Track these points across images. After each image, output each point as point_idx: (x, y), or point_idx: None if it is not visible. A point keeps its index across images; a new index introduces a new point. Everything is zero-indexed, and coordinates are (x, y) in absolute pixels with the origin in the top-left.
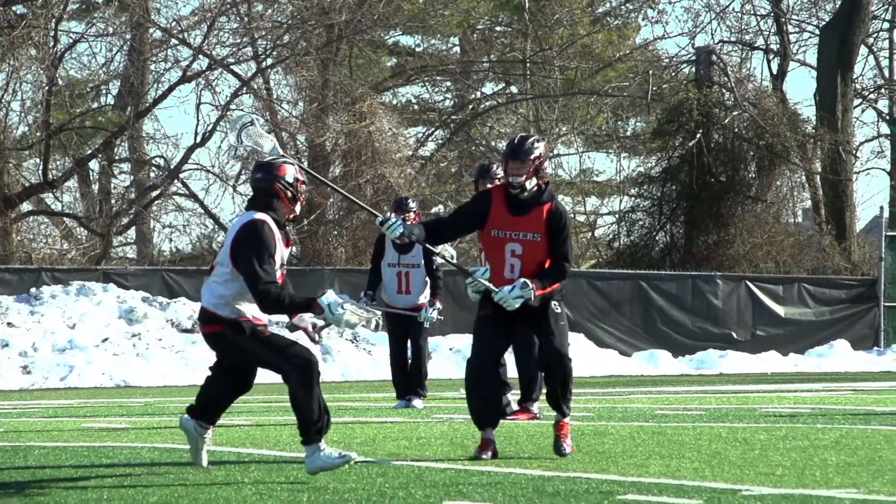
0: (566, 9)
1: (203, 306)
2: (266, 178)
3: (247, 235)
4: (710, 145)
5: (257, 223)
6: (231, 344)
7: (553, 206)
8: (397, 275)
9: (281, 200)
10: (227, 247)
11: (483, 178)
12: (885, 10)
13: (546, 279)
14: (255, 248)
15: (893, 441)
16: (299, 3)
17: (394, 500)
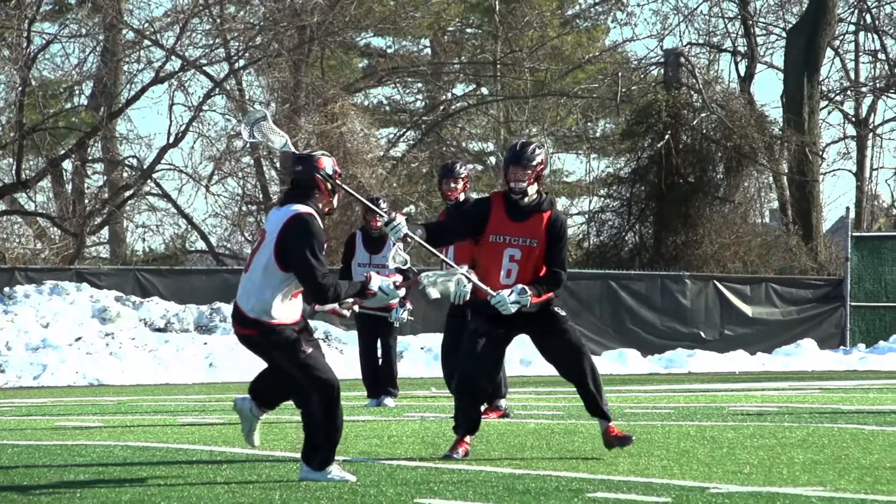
0: (536, 11)
1: (240, 307)
2: (307, 170)
3: (296, 230)
4: (679, 146)
5: (305, 217)
6: (262, 350)
7: (553, 215)
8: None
9: (321, 193)
10: (272, 243)
11: (447, 177)
12: (850, 13)
13: (541, 287)
14: (307, 241)
15: (859, 439)
16: (271, 4)
17: (365, 498)
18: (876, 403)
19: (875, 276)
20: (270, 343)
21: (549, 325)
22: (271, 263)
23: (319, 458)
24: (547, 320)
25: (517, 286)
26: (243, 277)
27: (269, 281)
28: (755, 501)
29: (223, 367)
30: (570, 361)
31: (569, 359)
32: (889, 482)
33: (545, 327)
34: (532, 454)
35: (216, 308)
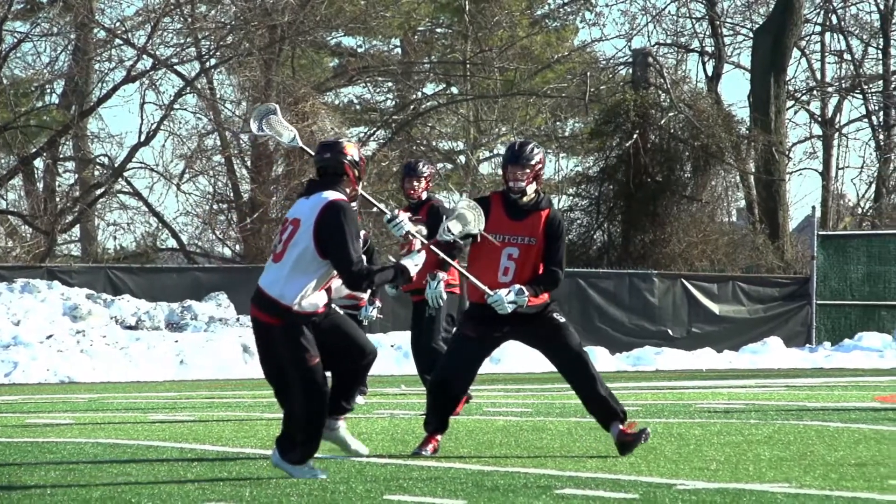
0: (505, 11)
1: (267, 293)
2: (335, 156)
3: (333, 218)
4: (647, 146)
5: (342, 204)
6: (273, 341)
7: (551, 213)
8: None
9: (349, 179)
10: (309, 230)
11: (409, 175)
12: (816, 14)
13: (539, 286)
14: (346, 228)
15: (825, 436)
16: (242, 4)
17: (335, 495)
18: (841, 401)
19: (841, 274)
20: (287, 338)
21: (548, 332)
22: (310, 251)
23: (298, 454)
24: (546, 328)
25: (515, 286)
26: (273, 266)
27: (306, 268)
28: (722, 498)
29: (194, 364)
30: (573, 367)
31: (571, 364)
32: (853, 479)
33: (545, 335)
34: (501, 451)
35: (187, 306)
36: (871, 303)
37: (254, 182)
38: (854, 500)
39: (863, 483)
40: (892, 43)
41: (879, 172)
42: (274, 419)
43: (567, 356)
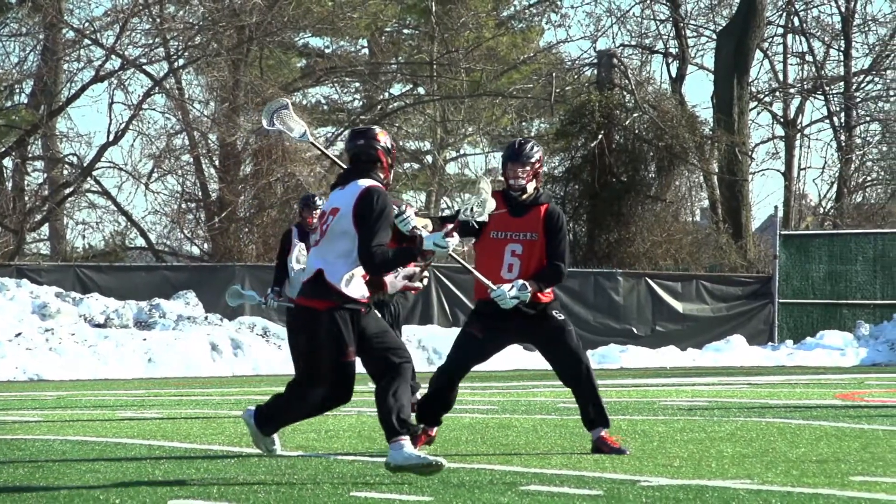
0: (472, 12)
1: (325, 277)
2: (368, 143)
3: (370, 202)
4: (612, 146)
5: (378, 190)
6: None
7: (550, 207)
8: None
9: (382, 166)
10: (349, 215)
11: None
12: (779, 16)
13: (542, 281)
14: (379, 214)
15: (786, 433)
16: (210, 4)
17: (302, 492)
18: (803, 398)
19: (802, 273)
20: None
21: (548, 334)
22: (350, 236)
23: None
24: (546, 329)
25: (517, 281)
26: (315, 253)
27: (348, 254)
28: (685, 494)
29: (162, 362)
30: (571, 368)
31: (567, 365)
32: (815, 475)
33: (545, 338)
34: (467, 448)
35: (155, 304)
36: (832, 301)
37: (222, 181)
38: (815, 497)
39: (824, 479)
40: (853, 45)
41: (841, 173)
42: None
43: (566, 360)
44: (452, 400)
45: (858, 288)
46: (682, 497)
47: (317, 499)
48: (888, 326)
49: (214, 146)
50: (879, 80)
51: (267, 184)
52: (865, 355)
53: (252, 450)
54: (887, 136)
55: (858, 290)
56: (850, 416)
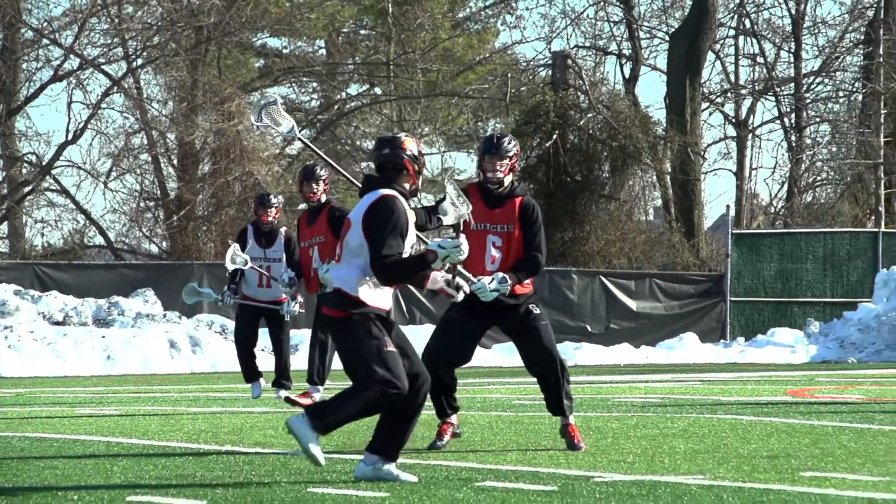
0: (428, 13)
1: (338, 287)
2: (393, 152)
3: (378, 211)
4: (566, 146)
5: (389, 198)
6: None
7: (525, 200)
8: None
9: (408, 174)
10: (359, 226)
11: (308, 178)
12: (730, 18)
13: (521, 272)
14: (386, 222)
15: (738, 429)
16: (169, 5)
17: (259, 488)
18: (754, 395)
19: (754, 271)
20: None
21: (524, 323)
22: (358, 244)
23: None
24: (523, 318)
25: (497, 274)
26: (334, 266)
27: (360, 261)
28: (638, 490)
29: (121, 359)
30: (539, 362)
31: (538, 359)
32: (765, 471)
33: (520, 325)
34: (423, 445)
35: (114, 302)
36: (783, 299)
37: (180, 180)
38: (766, 492)
39: (774, 475)
40: (803, 46)
41: (791, 173)
42: (199, 413)
43: (538, 354)
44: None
45: (809, 286)
46: (635, 493)
47: (274, 495)
48: (838, 324)
49: (173, 145)
50: (829, 82)
51: (225, 183)
52: (815, 352)
53: (210, 446)
54: (837, 136)
55: (809, 289)
56: (800, 412)
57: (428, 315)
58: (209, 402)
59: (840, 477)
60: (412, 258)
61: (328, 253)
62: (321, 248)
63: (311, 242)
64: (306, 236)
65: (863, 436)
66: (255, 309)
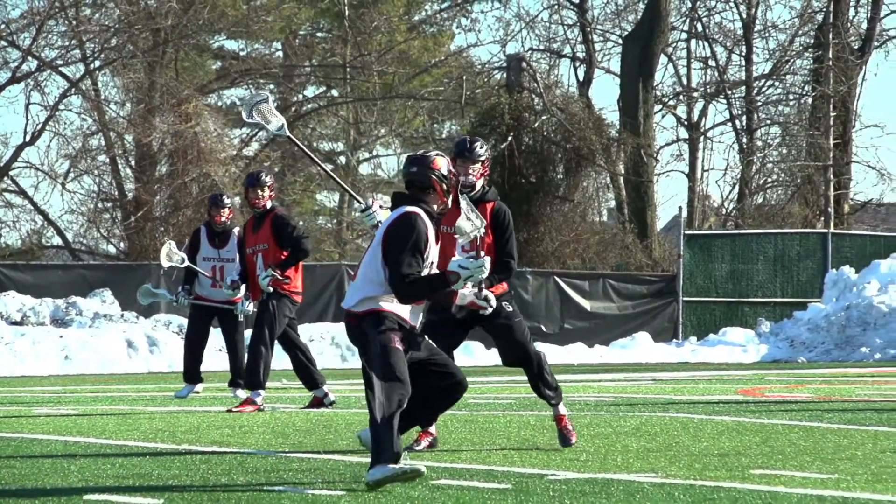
0: (384, 16)
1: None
2: (422, 170)
3: (399, 228)
4: (521, 148)
5: (411, 216)
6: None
7: (497, 205)
8: (212, 269)
9: (436, 193)
10: (379, 242)
11: (253, 185)
12: (682, 22)
13: (493, 276)
14: (406, 240)
15: (689, 428)
16: (126, 7)
17: (216, 487)
18: (705, 394)
19: (706, 272)
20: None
21: (498, 319)
22: (377, 260)
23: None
24: (495, 317)
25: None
26: (351, 285)
27: (378, 277)
28: (591, 487)
29: (78, 359)
30: (514, 356)
31: (513, 353)
32: (716, 468)
33: (495, 321)
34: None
35: (72, 302)
36: (734, 299)
37: (138, 181)
38: (717, 490)
39: (725, 472)
40: (754, 50)
41: (742, 174)
42: (156, 412)
43: (514, 349)
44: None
45: (759, 286)
46: (588, 490)
47: (230, 493)
48: (788, 324)
49: (130, 147)
50: (779, 85)
51: (182, 184)
52: (766, 352)
53: (167, 445)
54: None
55: (759, 289)
56: (751, 410)
57: None
58: (166, 401)
59: (789, 475)
60: (432, 278)
61: (271, 260)
62: (265, 254)
63: (256, 249)
64: (251, 242)
65: (812, 434)
66: (209, 309)
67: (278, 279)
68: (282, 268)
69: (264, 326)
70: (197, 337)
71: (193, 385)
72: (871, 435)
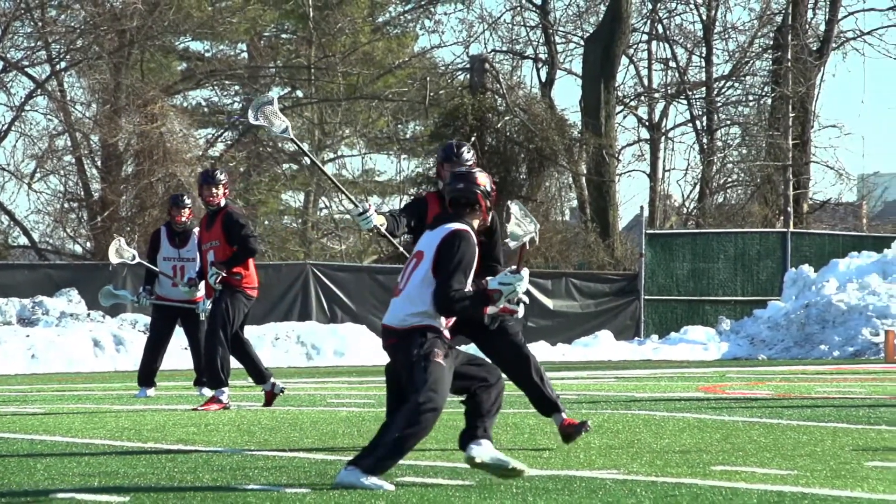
0: (348, 18)
1: (393, 326)
2: (468, 187)
3: (452, 245)
4: (484, 148)
5: (464, 234)
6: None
7: None
8: (172, 269)
9: (480, 210)
10: (430, 259)
11: (207, 182)
12: (643, 24)
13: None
14: (459, 258)
15: (651, 425)
16: (92, 9)
17: (182, 484)
18: (667, 391)
19: (667, 271)
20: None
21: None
22: (428, 277)
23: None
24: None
25: None
26: (396, 300)
27: (426, 294)
28: (554, 484)
29: (45, 359)
30: (512, 361)
31: (510, 358)
32: (678, 465)
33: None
34: (344, 441)
35: (38, 301)
36: (695, 298)
37: (104, 181)
38: (678, 486)
39: (686, 469)
40: (714, 51)
41: (703, 174)
42: (122, 411)
43: (507, 352)
44: None
45: (720, 285)
46: (551, 487)
47: (196, 490)
48: (748, 322)
49: (96, 147)
50: (739, 86)
51: (148, 184)
52: (727, 350)
53: (133, 443)
54: (747, 139)
55: (720, 287)
56: (712, 407)
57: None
58: (132, 400)
59: (750, 471)
60: (475, 296)
61: (221, 257)
62: (216, 251)
63: (209, 246)
64: (205, 240)
65: (772, 431)
66: (171, 309)
67: (226, 276)
68: (227, 265)
69: (217, 324)
70: (158, 340)
71: (147, 389)
72: (831, 431)
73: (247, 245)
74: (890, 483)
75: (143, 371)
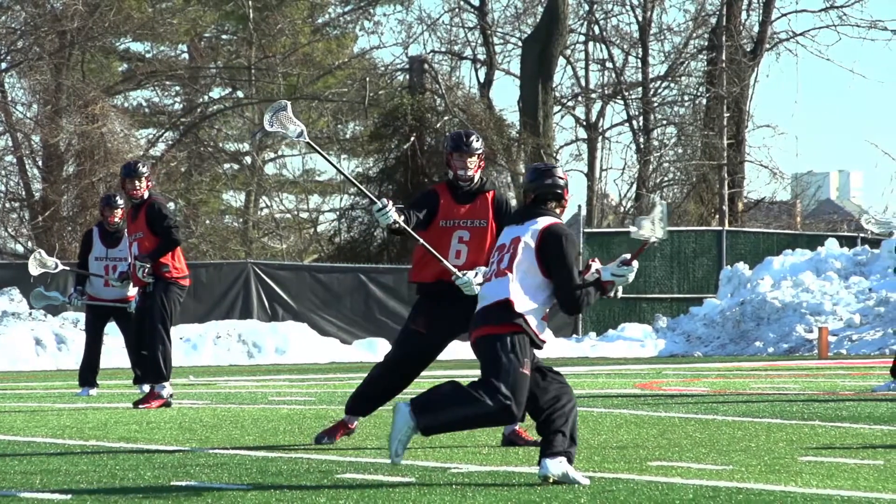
0: (288, 19)
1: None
2: (554, 182)
3: (562, 243)
4: (424, 148)
5: (565, 230)
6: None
7: (497, 194)
8: (104, 268)
9: (562, 204)
10: (533, 252)
11: (129, 175)
12: (580, 25)
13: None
14: (571, 254)
15: (589, 421)
16: (32, 10)
17: (124, 482)
18: (605, 388)
19: None
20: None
21: None
22: (533, 273)
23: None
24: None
25: (480, 268)
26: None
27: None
28: (493, 479)
29: None
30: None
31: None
32: (615, 461)
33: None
34: (285, 439)
35: None
36: (633, 296)
37: (45, 181)
38: (615, 481)
39: (623, 465)
40: (650, 52)
41: (640, 173)
42: (64, 409)
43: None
44: (388, 393)
45: (657, 283)
46: (490, 482)
47: (137, 488)
48: (684, 319)
49: (38, 147)
50: (675, 86)
51: (90, 184)
52: (664, 347)
53: (75, 441)
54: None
55: (657, 285)
56: (648, 404)
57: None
58: (74, 398)
59: (686, 466)
60: (594, 289)
61: (145, 249)
62: (140, 243)
63: (133, 238)
64: (130, 231)
65: (707, 426)
66: (104, 309)
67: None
68: (152, 257)
69: (156, 319)
70: (94, 341)
71: (90, 389)
72: (765, 427)
73: (170, 236)
74: (823, 478)
75: (84, 371)
